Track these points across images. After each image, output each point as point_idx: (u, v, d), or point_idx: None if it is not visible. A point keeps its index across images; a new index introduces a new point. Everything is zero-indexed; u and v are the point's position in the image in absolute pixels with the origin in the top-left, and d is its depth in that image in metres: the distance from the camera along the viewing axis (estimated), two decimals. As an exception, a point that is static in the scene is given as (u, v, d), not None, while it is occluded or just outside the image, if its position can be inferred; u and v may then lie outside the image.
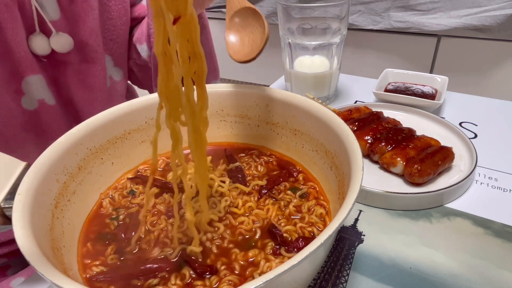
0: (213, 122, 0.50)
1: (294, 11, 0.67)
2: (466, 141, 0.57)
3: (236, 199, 0.41)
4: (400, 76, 0.77)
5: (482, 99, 0.75)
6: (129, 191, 0.44)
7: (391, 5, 1.26)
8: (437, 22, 1.21)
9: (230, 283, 0.33)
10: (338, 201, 0.37)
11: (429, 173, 0.50)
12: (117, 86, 0.71)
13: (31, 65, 0.56)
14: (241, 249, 0.36)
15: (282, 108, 0.46)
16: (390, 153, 0.54)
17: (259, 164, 0.47)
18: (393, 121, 0.61)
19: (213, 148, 0.51)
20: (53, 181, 0.36)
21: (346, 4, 0.65)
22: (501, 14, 1.11)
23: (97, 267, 0.35)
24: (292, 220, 0.39)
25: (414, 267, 0.41)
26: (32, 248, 0.27)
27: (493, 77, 1.27)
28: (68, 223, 0.37)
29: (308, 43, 0.68)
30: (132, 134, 0.46)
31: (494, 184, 0.52)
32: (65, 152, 0.38)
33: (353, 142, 0.36)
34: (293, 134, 0.46)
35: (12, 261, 0.58)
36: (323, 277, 0.40)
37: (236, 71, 1.81)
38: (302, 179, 0.44)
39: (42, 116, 0.60)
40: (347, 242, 0.44)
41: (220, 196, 0.42)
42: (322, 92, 0.74)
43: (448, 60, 1.31)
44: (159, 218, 0.40)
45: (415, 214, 0.48)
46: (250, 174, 0.46)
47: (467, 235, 0.45)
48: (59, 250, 0.33)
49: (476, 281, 0.39)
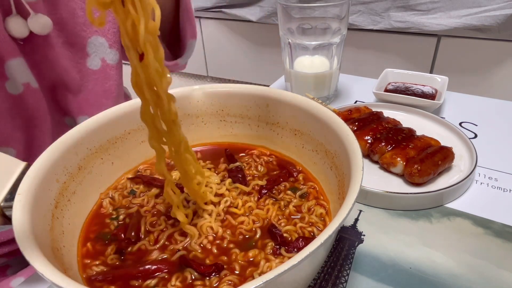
0: (213, 122, 0.50)
1: (294, 11, 0.67)
2: (466, 141, 0.57)
3: (236, 199, 0.41)
4: (400, 76, 0.77)
5: (482, 99, 0.75)
6: (130, 191, 0.44)
7: (391, 5, 1.26)
8: (437, 22, 1.21)
9: (230, 283, 0.33)
10: (338, 201, 0.37)
11: (429, 173, 0.50)
12: (110, 70, 0.66)
13: (11, 49, 0.54)
14: (241, 249, 0.36)
15: (282, 108, 0.46)
16: (390, 153, 0.54)
17: (259, 164, 0.47)
18: (393, 121, 0.61)
19: (213, 148, 0.51)
20: (53, 181, 0.36)
21: (346, 4, 0.65)
22: (501, 14, 1.11)
23: (97, 266, 0.35)
24: (292, 220, 0.39)
25: (414, 267, 0.41)
26: (32, 248, 0.27)
27: (493, 77, 1.27)
28: (68, 223, 0.37)
29: (308, 43, 0.68)
30: (132, 134, 0.46)
31: (494, 184, 0.52)
32: (65, 152, 0.38)
33: (353, 142, 0.36)
34: (293, 134, 0.46)
35: (11, 260, 0.58)
36: (323, 277, 0.40)
37: (236, 71, 1.81)
38: (302, 179, 0.45)
39: (28, 100, 0.58)
40: (347, 242, 0.44)
41: (220, 197, 0.42)
42: (322, 92, 0.74)
43: (448, 60, 1.31)
44: (159, 218, 0.40)
45: (415, 214, 0.48)
46: (250, 174, 0.46)
47: (467, 235, 0.45)
48: (59, 250, 0.33)
49: (476, 281, 0.39)
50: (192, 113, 0.49)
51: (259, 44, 1.64)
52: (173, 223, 0.39)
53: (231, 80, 1.86)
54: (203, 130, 0.50)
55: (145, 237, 0.38)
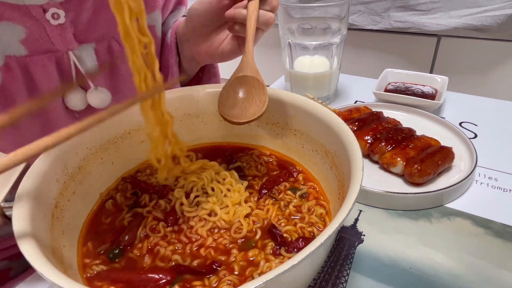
0: (213, 122, 0.50)
1: (294, 11, 0.67)
2: (466, 141, 0.57)
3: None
4: (400, 76, 0.77)
5: (482, 99, 0.75)
6: (132, 192, 0.44)
7: (391, 5, 1.26)
8: (437, 22, 1.20)
9: (230, 283, 0.33)
10: (338, 201, 0.37)
11: (429, 173, 0.50)
12: None
13: (65, 122, 0.51)
14: (241, 249, 0.36)
15: (282, 108, 0.46)
16: (390, 153, 0.54)
17: (259, 164, 0.47)
18: (393, 121, 0.61)
19: (213, 148, 0.51)
20: (53, 181, 0.36)
21: (346, 4, 0.65)
22: (501, 14, 1.11)
23: (97, 266, 0.35)
24: (292, 220, 0.39)
25: (414, 267, 0.41)
26: (32, 248, 0.27)
27: (493, 77, 1.27)
28: (68, 223, 0.37)
29: (308, 43, 0.68)
30: (132, 134, 0.46)
31: (494, 184, 0.52)
32: (65, 152, 0.38)
33: (353, 142, 0.36)
34: (293, 134, 0.46)
35: (13, 263, 0.57)
36: (323, 277, 0.40)
37: (236, 71, 1.81)
38: (302, 179, 0.44)
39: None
40: (347, 242, 0.44)
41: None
42: (322, 92, 0.74)
43: (448, 60, 1.31)
44: (158, 224, 0.39)
45: (415, 214, 0.48)
46: (250, 174, 0.46)
47: (467, 235, 0.45)
48: (59, 250, 0.33)
49: (476, 281, 0.39)
50: (192, 113, 0.49)
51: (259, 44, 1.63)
52: (172, 229, 0.39)
53: (231, 80, 1.86)
54: (203, 130, 0.50)
55: (139, 242, 0.38)
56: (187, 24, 0.56)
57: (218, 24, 0.53)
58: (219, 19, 0.51)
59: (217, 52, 0.54)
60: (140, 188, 0.44)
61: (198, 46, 0.56)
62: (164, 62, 0.62)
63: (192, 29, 0.55)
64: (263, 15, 0.46)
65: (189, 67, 0.62)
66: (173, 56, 0.60)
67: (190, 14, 0.54)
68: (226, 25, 0.51)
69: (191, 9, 0.53)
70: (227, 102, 0.43)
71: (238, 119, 0.42)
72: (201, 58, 0.58)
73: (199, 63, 0.62)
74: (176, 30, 0.60)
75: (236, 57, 0.54)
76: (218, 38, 0.54)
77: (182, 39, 0.59)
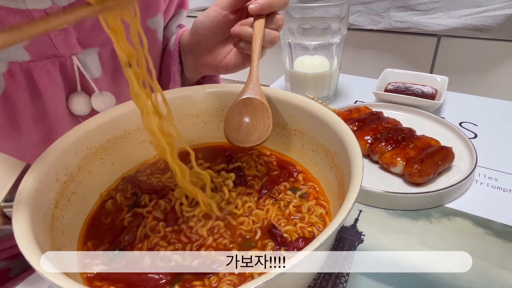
0: (213, 122, 0.50)
1: (294, 11, 0.67)
2: (466, 141, 0.57)
3: (235, 200, 0.41)
4: (400, 76, 0.77)
5: (482, 99, 0.75)
6: (132, 192, 0.44)
7: (391, 5, 1.26)
8: (437, 22, 1.21)
9: (230, 283, 0.33)
10: (338, 201, 0.37)
11: (429, 173, 0.50)
12: None
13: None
14: (241, 249, 0.36)
15: (282, 108, 0.46)
16: (390, 153, 0.54)
17: (259, 164, 0.47)
18: (393, 121, 0.61)
19: (213, 148, 0.51)
20: (53, 181, 0.36)
21: (346, 4, 0.65)
22: (501, 14, 1.11)
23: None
24: (292, 220, 0.39)
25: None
26: (32, 248, 0.27)
27: (493, 77, 1.27)
28: (68, 223, 0.37)
29: (308, 43, 0.68)
30: (132, 134, 0.46)
31: (494, 184, 0.52)
32: (65, 152, 0.38)
33: (353, 142, 0.36)
34: (293, 134, 0.46)
35: (13, 263, 0.58)
36: (323, 277, 0.40)
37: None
38: (302, 179, 0.44)
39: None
40: (347, 242, 0.44)
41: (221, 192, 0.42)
42: (322, 92, 0.74)
43: (448, 60, 1.31)
44: (158, 224, 0.39)
45: (415, 214, 0.48)
46: (250, 174, 0.46)
47: (467, 235, 0.45)
48: (59, 250, 0.33)
49: (476, 281, 0.39)
50: (192, 113, 0.49)
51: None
52: (172, 229, 0.39)
53: (231, 80, 1.86)
54: (203, 130, 0.50)
55: (139, 242, 0.37)
56: (192, 36, 0.56)
57: (223, 38, 0.53)
58: (224, 33, 0.51)
59: (221, 65, 0.54)
60: (140, 188, 0.44)
61: (202, 58, 0.56)
62: (165, 68, 0.62)
63: (197, 41, 0.55)
64: (269, 33, 0.46)
65: (191, 75, 0.62)
66: (176, 65, 0.60)
67: (195, 26, 0.54)
68: (231, 38, 0.51)
69: (197, 21, 0.53)
70: (232, 124, 0.44)
71: (243, 143, 0.43)
72: (205, 69, 0.59)
73: (201, 73, 0.62)
74: (179, 39, 0.60)
75: (240, 70, 0.54)
76: (222, 52, 0.54)
77: (186, 49, 0.59)
